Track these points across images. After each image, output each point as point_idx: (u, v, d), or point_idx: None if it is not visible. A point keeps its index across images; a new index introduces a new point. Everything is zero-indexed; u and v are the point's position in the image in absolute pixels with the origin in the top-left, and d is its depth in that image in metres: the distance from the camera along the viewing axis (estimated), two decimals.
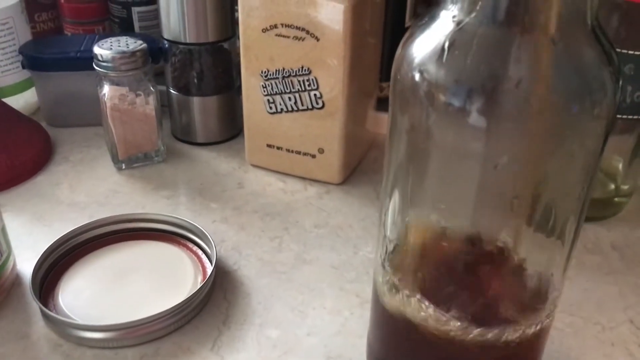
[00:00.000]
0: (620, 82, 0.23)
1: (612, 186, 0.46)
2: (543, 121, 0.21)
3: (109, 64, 0.46)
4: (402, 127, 0.25)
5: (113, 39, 0.48)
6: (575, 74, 0.21)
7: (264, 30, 0.44)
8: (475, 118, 0.22)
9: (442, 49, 0.22)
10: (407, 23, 0.55)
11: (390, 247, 0.28)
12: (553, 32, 0.21)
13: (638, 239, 0.44)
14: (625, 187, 0.46)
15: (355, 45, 0.44)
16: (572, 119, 0.22)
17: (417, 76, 0.23)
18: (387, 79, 0.54)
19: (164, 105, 0.54)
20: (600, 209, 0.46)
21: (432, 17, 0.23)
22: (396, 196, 0.27)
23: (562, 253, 0.27)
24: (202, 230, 0.40)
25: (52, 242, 0.39)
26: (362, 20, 0.44)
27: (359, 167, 0.52)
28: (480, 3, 0.20)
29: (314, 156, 0.48)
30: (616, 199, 0.46)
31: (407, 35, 0.25)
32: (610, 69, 0.22)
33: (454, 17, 0.21)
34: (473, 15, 0.21)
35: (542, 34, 0.21)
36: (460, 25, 0.21)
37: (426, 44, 0.23)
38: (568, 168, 0.23)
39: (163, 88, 0.53)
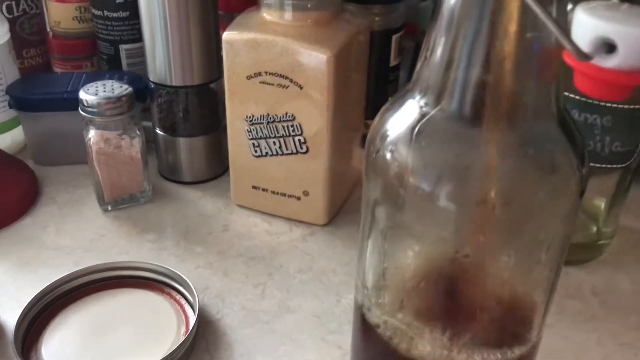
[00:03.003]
0: (586, 155, 0.23)
1: (594, 228, 0.47)
2: (508, 210, 0.22)
3: (95, 109, 0.46)
4: (371, 195, 0.25)
5: (99, 83, 0.48)
6: (540, 164, 0.22)
7: (249, 77, 0.45)
8: (443, 203, 0.22)
9: (411, 135, 0.22)
10: (392, 61, 0.56)
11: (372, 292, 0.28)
12: (517, 125, 0.21)
13: (618, 283, 0.45)
14: (608, 229, 0.47)
15: (338, 92, 0.44)
16: (536, 206, 0.22)
17: (388, 155, 0.24)
18: (372, 116, 0.55)
19: (150, 142, 0.54)
20: (582, 253, 0.47)
21: (406, 96, 0.24)
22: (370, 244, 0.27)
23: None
24: (184, 280, 0.41)
25: (35, 293, 0.39)
26: (346, 66, 0.45)
27: (345, 206, 0.52)
28: (444, 98, 0.21)
29: (299, 198, 0.49)
30: (599, 242, 0.47)
31: (386, 105, 0.26)
32: (575, 155, 0.22)
33: (421, 106, 0.22)
34: (438, 108, 0.21)
35: (506, 128, 0.21)
36: (426, 117, 0.21)
37: (398, 124, 0.24)
38: (537, 251, 0.24)
39: (149, 124, 0.54)
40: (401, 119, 0.23)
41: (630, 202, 0.53)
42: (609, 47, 0.18)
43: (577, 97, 0.39)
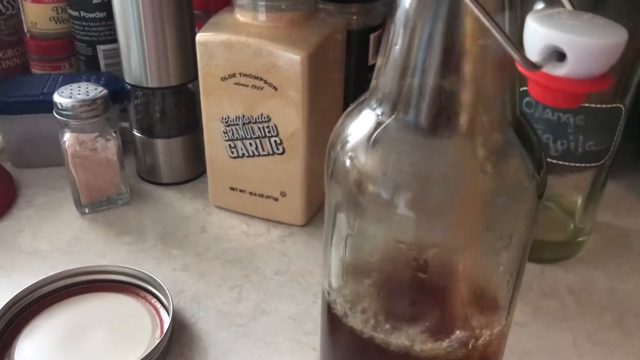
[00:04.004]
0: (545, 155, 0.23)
1: (571, 225, 0.47)
2: (467, 217, 0.22)
3: (69, 112, 0.46)
4: (332, 200, 0.25)
5: (74, 85, 0.48)
6: (496, 172, 0.22)
7: (223, 78, 0.44)
8: (402, 210, 0.22)
9: (368, 143, 0.22)
10: (370, 60, 0.55)
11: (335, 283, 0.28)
12: (473, 133, 0.21)
13: (594, 281, 0.45)
14: (584, 226, 0.47)
15: (314, 92, 0.44)
16: (494, 213, 0.22)
17: (347, 162, 0.24)
18: None
19: (128, 142, 0.54)
20: (559, 251, 0.47)
21: (364, 103, 0.24)
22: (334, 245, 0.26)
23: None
24: (159, 283, 0.40)
25: (9, 298, 0.39)
26: (321, 67, 0.45)
27: (324, 206, 0.52)
28: (400, 107, 0.21)
29: (276, 199, 0.48)
30: (576, 239, 0.47)
31: (347, 110, 0.26)
32: (532, 161, 0.22)
33: (377, 115, 0.22)
34: (394, 117, 0.21)
35: (461, 136, 0.21)
36: (382, 126, 0.21)
37: (357, 131, 0.24)
38: (496, 255, 0.23)
39: (128, 124, 0.54)
40: (359, 127, 0.23)
41: (607, 198, 0.53)
42: (559, 55, 0.18)
43: None
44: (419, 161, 0.21)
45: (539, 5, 0.38)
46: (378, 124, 0.21)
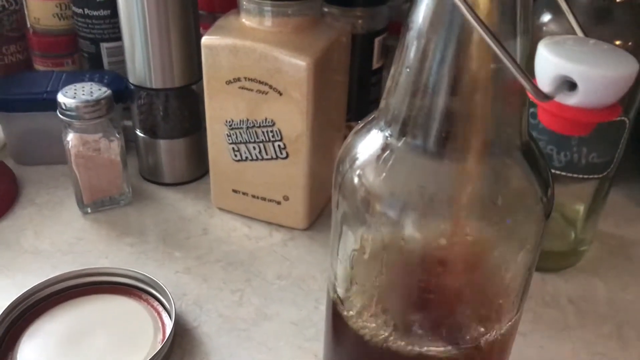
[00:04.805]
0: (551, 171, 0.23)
1: (572, 235, 0.47)
2: (474, 239, 0.22)
3: (73, 113, 0.46)
4: (339, 212, 0.25)
5: (78, 85, 0.48)
6: (505, 194, 0.22)
7: (228, 82, 0.44)
8: (409, 231, 0.23)
9: (377, 164, 0.22)
10: (375, 64, 0.55)
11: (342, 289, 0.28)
12: (481, 157, 0.21)
13: (594, 291, 0.45)
14: (586, 236, 0.47)
15: (318, 97, 0.44)
16: (501, 235, 0.22)
17: (356, 179, 0.24)
18: (354, 118, 0.55)
19: (131, 141, 0.54)
20: (560, 260, 0.47)
21: (373, 122, 0.24)
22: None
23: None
24: (161, 286, 0.41)
25: (12, 299, 0.39)
26: (326, 71, 0.44)
27: (326, 209, 0.52)
28: (409, 131, 0.21)
29: (279, 203, 0.48)
30: (577, 249, 0.47)
31: (357, 126, 0.26)
32: (539, 184, 0.22)
33: (386, 137, 0.22)
34: (403, 140, 0.21)
35: (471, 160, 0.21)
36: (391, 148, 0.21)
37: (366, 150, 0.24)
38: (500, 277, 0.24)
39: (130, 123, 0.54)
40: (368, 147, 0.23)
41: (610, 207, 0.53)
42: (570, 84, 0.18)
43: None
44: (426, 183, 0.21)
45: (546, 17, 0.38)
46: (386, 145, 0.22)
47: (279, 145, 0.46)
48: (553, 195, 0.24)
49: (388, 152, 0.22)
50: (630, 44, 0.37)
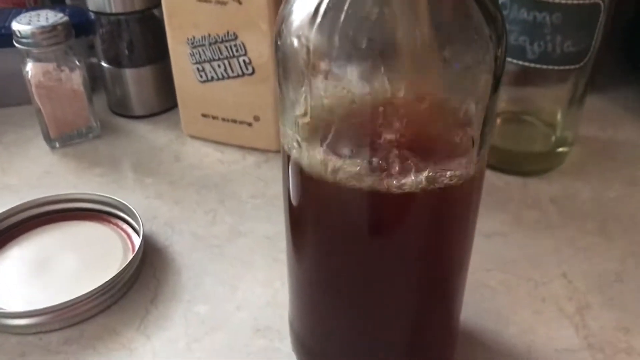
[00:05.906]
0: (506, 41, 0.22)
1: (553, 138, 0.46)
2: (425, 79, 0.20)
3: (29, 40, 0.44)
4: (288, 96, 0.24)
5: (33, 13, 0.46)
6: (455, 33, 0.20)
7: None
8: (357, 82, 0.21)
9: (317, 11, 0.21)
10: None
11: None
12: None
13: (577, 192, 0.44)
14: (566, 135, 0.46)
15: (279, 2, 0.42)
16: (453, 77, 0.21)
17: (295, 42, 0.22)
18: None
19: (98, 78, 0.53)
20: (542, 162, 0.45)
21: None
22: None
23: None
24: (129, 207, 0.39)
25: None
26: None
27: None
28: None
29: (250, 124, 0.47)
30: (558, 150, 0.46)
31: None
32: (492, 28, 0.21)
33: None
34: None
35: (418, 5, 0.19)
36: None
37: (304, 6, 0.22)
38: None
39: (96, 60, 0.52)
40: (303, 5, 0.21)
41: (595, 112, 0.52)
42: None
43: None
44: (370, 28, 0.20)
45: None
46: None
47: (244, 60, 0.44)
48: (503, 48, 0.22)
49: (325, 4, 0.20)
50: None
